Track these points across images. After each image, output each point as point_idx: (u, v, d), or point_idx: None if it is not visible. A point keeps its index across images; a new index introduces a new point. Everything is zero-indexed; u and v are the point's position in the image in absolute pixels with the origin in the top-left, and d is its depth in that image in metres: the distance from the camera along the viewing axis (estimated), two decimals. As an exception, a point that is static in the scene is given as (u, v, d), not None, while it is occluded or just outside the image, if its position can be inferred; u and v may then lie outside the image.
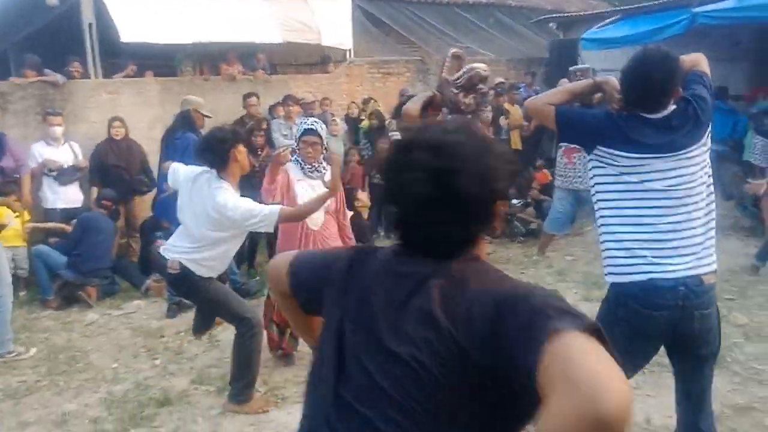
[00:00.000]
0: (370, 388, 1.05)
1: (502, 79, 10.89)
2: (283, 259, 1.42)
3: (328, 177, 3.86)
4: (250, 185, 4.60)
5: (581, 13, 12.39)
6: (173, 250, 3.58)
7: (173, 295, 5.18)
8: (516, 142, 9.06)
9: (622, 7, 11.10)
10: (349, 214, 4.44)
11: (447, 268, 1.08)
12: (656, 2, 9.30)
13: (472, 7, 14.85)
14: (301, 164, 3.92)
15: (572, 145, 6.13)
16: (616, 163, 2.23)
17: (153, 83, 8.12)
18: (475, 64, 3.17)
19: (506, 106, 9.15)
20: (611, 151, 2.24)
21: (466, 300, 1.01)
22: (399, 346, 1.04)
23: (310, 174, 3.91)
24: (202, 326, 4.04)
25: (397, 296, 1.09)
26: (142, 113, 7.78)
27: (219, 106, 8.01)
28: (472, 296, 1.02)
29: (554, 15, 12.95)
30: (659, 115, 2.25)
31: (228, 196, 3.37)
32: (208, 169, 3.52)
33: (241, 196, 3.49)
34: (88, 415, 3.70)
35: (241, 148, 3.55)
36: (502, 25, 14.70)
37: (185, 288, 3.70)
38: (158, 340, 4.83)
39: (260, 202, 3.55)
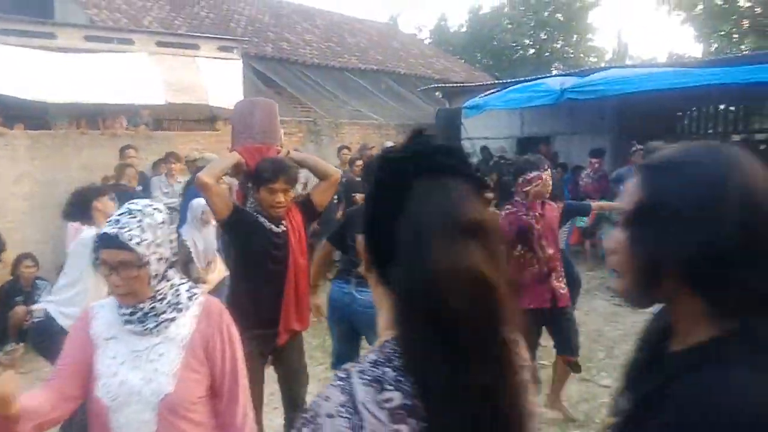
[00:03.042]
0: None
1: (391, 143, 11.27)
2: None
3: (186, 327, 1.72)
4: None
5: (464, 84, 13.19)
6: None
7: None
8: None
9: (501, 81, 11.95)
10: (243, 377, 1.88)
11: None
12: (530, 78, 10.13)
13: (363, 72, 15.40)
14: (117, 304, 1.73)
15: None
16: None
17: (22, 137, 7.58)
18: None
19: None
20: None
21: None
22: None
23: (131, 324, 1.68)
24: None
25: None
26: (8, 168, 7.20)
27: (97, 162, 7.61)
28: None
29: (440, 85, 13.69)
30: None
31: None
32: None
33: None
34: None
35: (104, 199, 3.58)
36: (392, 91, 15.31)
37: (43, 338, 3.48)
38: (8, 421, 4.30)
39: None
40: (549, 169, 3.98)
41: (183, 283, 1.78)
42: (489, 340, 0.84)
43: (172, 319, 1.70)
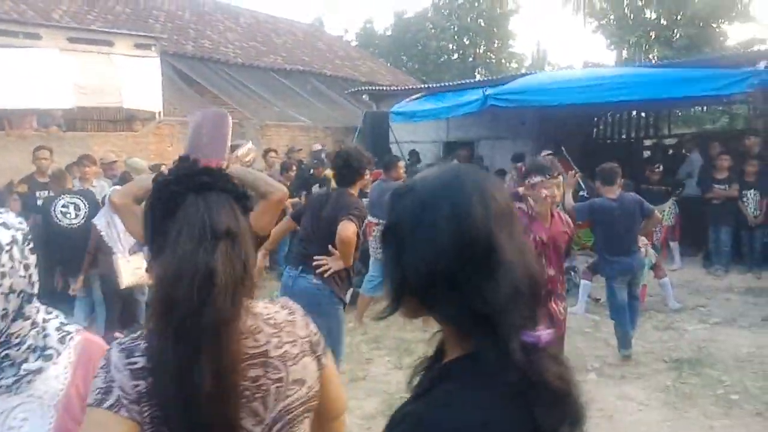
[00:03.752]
0: None
1: (319, 146, 11.15)
2: None
3: (59, 379, 1.28)
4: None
5: (391, 88, 13.25)
6: None
7: None
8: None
9: (427, 85, 12.09)
10: None
11: None
12: (455, 83, 10.33)
13: (289, 73, 15.20)
14: None
15: (373, 219, 6.45)
16: None
17: None
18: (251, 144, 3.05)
19: (328, 172, 9.22)
20: None
21: None
22: None
23: None
24: None
25: None
26: None
27: (2, 166, 7.11)
28: None
29: (367, 88, 13.70)
30: None
31: None
32: None
33: None
34: None
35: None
36: (319, 93, 15.19)
37: None
38: None
39: None
40: (560, 176, 3.40)
41: (51, 320, 1.33)
42: (209, 325, 1.02)
43: (38, 371, 1.24)
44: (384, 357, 5.57)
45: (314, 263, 3.69)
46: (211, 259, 1.04)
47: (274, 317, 1.20)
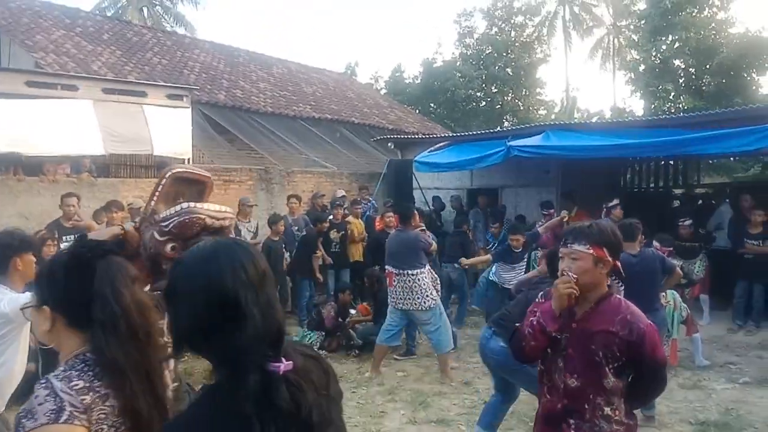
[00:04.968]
0: None
1: (342, 192, 11.29)
2: None
3: None
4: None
5: (416, 136, 13.41)
6: None
7: None
8: (355, 254, 9.22)
9: (451, 135, 12.19)
10: None
11: None
12: (478, 132, 10.38)
13: (318, 121, 15.51)
14: None
15: (392, 269, 6.44)
16: None
17: (-50, 182, 7.28)
18: (202, 206, 1.99)
19: (350, 219, 9.33)
20: None
21: None
22: None
23: None
24: None
25: None
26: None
27: (33, 210, 7.35)
28: None
29: (392, 136, 13.90)
30: None
31: None
32: None
33: None
34: None
35: (28, 258, 3.13)
36: (346, 140, 15.43)
37: None
38: None
39: None
40: (576, 245, 2.42)
41: None
42: (150, 337, 1.51)
43: None
44: (399, 410, 5.45)
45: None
46: (141, 296, 1.54)
47: None
